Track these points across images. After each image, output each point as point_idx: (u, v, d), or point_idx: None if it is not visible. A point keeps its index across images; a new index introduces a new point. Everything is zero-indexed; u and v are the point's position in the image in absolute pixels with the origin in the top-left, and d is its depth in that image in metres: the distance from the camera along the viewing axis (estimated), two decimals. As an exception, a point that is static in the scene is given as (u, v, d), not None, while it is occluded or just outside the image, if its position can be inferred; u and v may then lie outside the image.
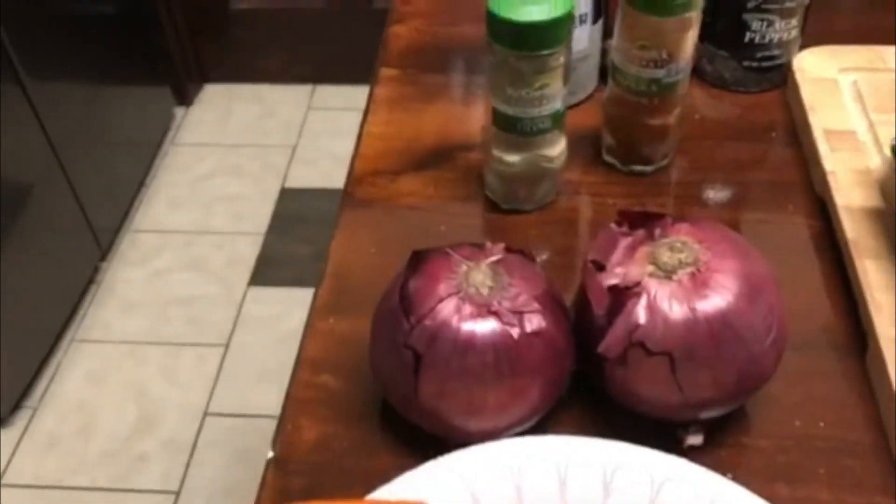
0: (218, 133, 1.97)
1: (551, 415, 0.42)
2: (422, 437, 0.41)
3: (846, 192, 0.51)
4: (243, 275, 1.67)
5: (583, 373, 0.42)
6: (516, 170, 0.52)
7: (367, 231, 0.53)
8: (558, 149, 0.52)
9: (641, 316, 0.38)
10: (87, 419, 1.45)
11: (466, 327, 0.38)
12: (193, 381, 1.51)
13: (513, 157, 0.52)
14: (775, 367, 0.40)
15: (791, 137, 0.58)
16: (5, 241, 1.33)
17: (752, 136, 0.59)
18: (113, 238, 1.70)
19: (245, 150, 1.92)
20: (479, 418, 0.39)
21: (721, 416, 0.41)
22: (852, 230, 0.49)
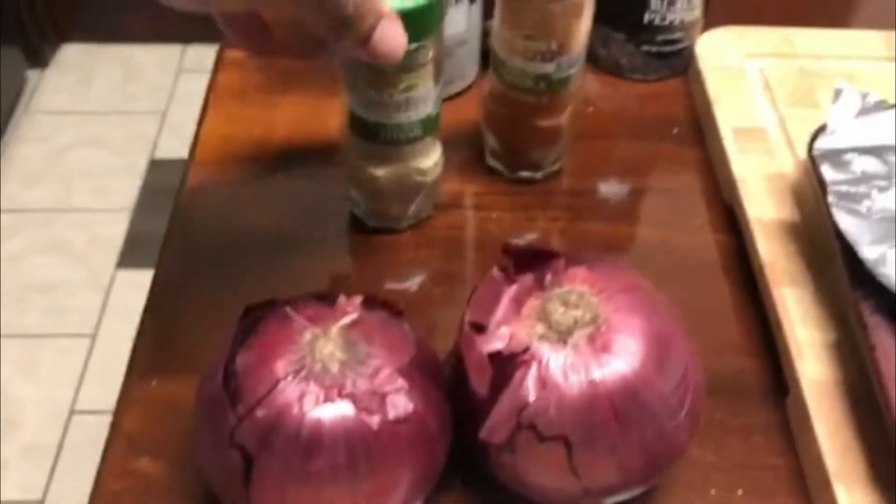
0: (77, 99, 1.80)
1: (426, 501, 0.34)
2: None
3: (758, 203, 0.45)
4: (110, 257, 1.53)
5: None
6: (383, 184, 0.43)
7: (201, 262, 0.44)
8: (432, 159, 0.44)
9: (531, 391, 0.31)
10: (-67, 427, 1.31)
11: (311, 418, 0.30)
12: (56, 376, 1.38)
13: (378, 170, 0.43)
14: (689, 439, 0.33)
15: (695, 134, 0.52)
16: None
17: (652, 133, 0.52)
18: (-43, 220, 1.54)
19: (108, 118, 1.76)
20: (333, 525, 0.31)
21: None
22: (767, 251, 0.43)
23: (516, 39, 0.43)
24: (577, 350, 0.31)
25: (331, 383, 0.30)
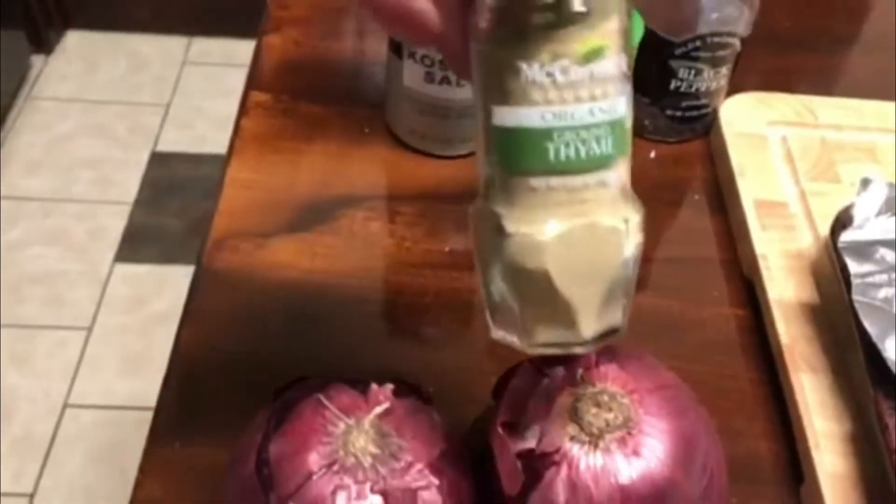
0: (81, 87, 1.79)
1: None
2: None
3: (779, 282, 0.46)
4: (108, 250, 1.53)
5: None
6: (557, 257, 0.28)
7: (227, 317, 0.44)
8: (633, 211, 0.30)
9: (561, 495, 0.31)
10: (-75, 417, 1.31)
11: (343, 514, 0.30)
12: (51, 368, 1.38)
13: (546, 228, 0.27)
14: (710, 539, 0.34)
15: (716, 201, 0.52)
16: None
17: (672, 198, 0.52)
18: (-43, 207, 1.53)
19: (112, 108, 1.76)
20: None
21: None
22: (786, 333, 0.43)
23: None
24: (607, 454, 0.32)
25: (363, 478, 0.31)
